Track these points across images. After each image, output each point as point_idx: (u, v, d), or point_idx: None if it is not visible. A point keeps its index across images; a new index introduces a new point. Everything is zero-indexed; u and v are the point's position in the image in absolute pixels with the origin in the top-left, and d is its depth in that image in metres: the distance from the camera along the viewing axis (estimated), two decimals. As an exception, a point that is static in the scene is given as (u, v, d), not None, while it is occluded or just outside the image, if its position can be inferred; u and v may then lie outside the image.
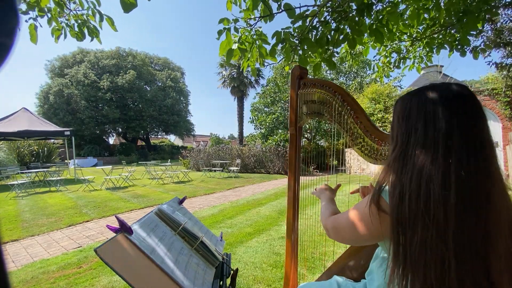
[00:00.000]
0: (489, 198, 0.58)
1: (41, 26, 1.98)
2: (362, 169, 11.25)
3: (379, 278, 0.83)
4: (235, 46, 1.77)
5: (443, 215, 0.57)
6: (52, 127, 11.43)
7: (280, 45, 1.77)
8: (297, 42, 1.79)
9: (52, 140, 15.94)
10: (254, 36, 1.86)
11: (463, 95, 0.63)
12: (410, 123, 0.67)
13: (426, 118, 0.64)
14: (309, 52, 1.86)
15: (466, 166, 0.58)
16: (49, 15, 1.98)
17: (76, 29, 2.08)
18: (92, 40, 2.14)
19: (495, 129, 7.66)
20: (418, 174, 0.61)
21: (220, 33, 1.72)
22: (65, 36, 2.11)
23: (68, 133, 10.98)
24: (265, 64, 2.05)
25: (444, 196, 0.58)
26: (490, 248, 0.56)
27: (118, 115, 24.73)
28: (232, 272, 1.15)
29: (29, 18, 1.93)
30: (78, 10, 2.04)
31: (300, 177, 1.59)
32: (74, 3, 2.02)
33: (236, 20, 1.72)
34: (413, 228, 0.59)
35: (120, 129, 27.89)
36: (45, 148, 14.98)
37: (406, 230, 0.60)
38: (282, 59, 2.04)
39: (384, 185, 0.69)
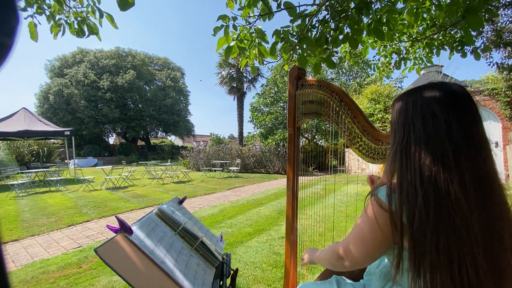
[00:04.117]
0: (492, 197, 0.58)
1: (40, 23, 1.96)
2: (362, 169, 11.26)
3: (377, 278, 0.84)
4: (233, 43, 1.76)
5: (451, 215, 0.57)
6: (52, 127, 11.42)
7: (279, 44, 1.76)
8: (296, 41, 1.79)
9: (52, 140, 15.93)
10: (253, 34, 1.85)
11: (461, 94, 0.64)
12: (407, 120, 0.68)
13: (423, 115, 0.64)
14: (308, 52, 1.86)
15: (469, 165, 0.59)
16: (48, 12, 1.97)
17: (76, 26, 2.06)
18: (88, 36, 2.10)
19: (495, 129, 7.65)
20: (420, 172, 0.61)
21: (217, 29, 1.70)
22: (63, 33, 2.08)
23: (68, 133, 10.98)
24: (264, 62, 2.05)
25: (449, 195, 0.57)
26: (498, 245, 0.57)
27: (118, 114, 24.72)
28: (232, 272, 1.15)
29: (28, 16, 1.91)
30: (78, 8, 2.02)
31: (300, 177, 1.60)
32: (74, 0, 2.01)
33: (235, 18, 1.71)
34: (423, 229, 0.59)
35: (120, 129, 27.89)
36: (45, 148, 14.99)
37: (416, 230, 0.60)
38: (281, 58, 2.04)
39: (380, 185, 0.70)
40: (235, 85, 22.76)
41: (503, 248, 0.57)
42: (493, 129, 7.67)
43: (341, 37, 1.80)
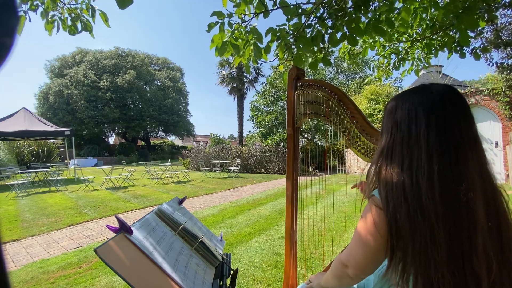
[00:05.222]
0: (468, 199, 0.58)
1: (29, 21, 1.96)
2: (362, 169, 11.25)
3: (375, 278, 0.84)
4: (227, 39, 1.75)
5: (433, 216, 0.58)
6: (52, 127, 11.42)
7: (275, 43, 1.75)
8: (292, 40, 1.78)
9: (52, 140, 15.94)
10: (249, 34, 1.83)
11: (446, 95, 0.64)
12: (394, 121, 0.69)
13: (404, 118, 0.66)
14: (304, 51, 1.85)
15: (446, 166, 0.59)
16: (42, 9, 1.96)
17: (70, 22, 2.05)
18: (80, 32, 2.09)
19: (495, 129, 7.64)
20: (403, 172, 0.63)
21: (212, 25, 1.67)
22: (58, 30, 2.08)
23: (68, 133, 10.98)
24: (259, 62, 2.03)
25: (430, 196, 0.58)
26: (473, 245, 0.57)
27: (117, 115, 24.73)
28: (232, 272, 1.15)
29: (20, 11, 1.91)
30: (72, 4, 2.02)
31: (300, 177, 1.60)
32: None
33: (230, 15, 1.68)
34: (408, 228, 0.60)
35: (119, 129, 27.89)
36: (45, 148, 14.99)
37: (401, 229, 0.61)
38: (276, 58, 2.02)
39: (374, 185, 0.70)
40: (235, 85, 22.73)
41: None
42: (493, 129, 7.66)
43: (339, 35, 1.79)
